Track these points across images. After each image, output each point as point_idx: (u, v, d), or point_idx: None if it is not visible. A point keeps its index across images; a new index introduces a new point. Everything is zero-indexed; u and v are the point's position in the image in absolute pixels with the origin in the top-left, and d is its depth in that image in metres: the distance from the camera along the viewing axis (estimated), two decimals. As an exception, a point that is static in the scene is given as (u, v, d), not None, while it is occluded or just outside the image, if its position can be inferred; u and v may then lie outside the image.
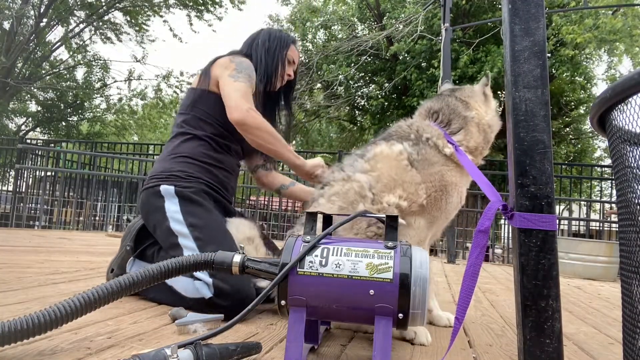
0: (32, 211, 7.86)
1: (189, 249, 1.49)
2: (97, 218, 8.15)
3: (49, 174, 8.27)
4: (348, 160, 1.45)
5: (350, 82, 12.00)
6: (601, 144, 13.38)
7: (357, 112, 13.51)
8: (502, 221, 7.10)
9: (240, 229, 1.60)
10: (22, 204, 7.06)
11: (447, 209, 1.40)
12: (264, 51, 1.85)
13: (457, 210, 1.46)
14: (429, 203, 1.37)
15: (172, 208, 1.57)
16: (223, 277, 1.41)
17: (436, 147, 1.41)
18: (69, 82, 13.97)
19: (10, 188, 9.35)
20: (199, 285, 1.44)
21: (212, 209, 1.61)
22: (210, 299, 1.40)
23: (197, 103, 1.75)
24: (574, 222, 7.47)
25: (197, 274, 1.44)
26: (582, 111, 12.04)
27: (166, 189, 1.60)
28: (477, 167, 1.34)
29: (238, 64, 1.73)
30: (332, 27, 12.72)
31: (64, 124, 14.52)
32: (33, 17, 12.19)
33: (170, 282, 1.51)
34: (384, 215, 1.03)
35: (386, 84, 11.02)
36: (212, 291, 1.40)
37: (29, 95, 13.83)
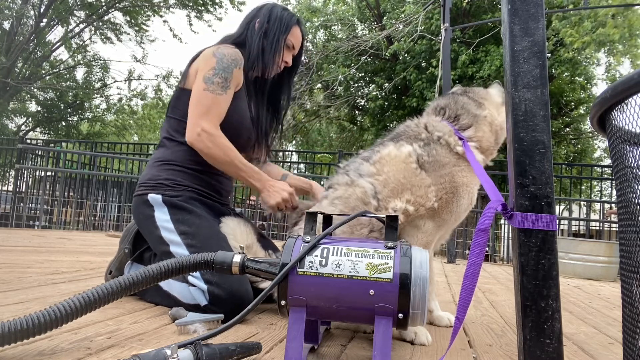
0: (32, 211, 7.86)
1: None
2: (97, 218, 8.15)
3: (49, 174, 8.28)
4: (354, 164, 1.41)
5: (350, 82, 12.00)
6: (601, 144, 13.39)
7: (357, 112, 13.52)
8: (502, 221, 7.10)
9: (238, 237, 1.56)
10: (22, 204, 7.06)
11: (458, 211, 1.37)
12: (261, 35, 1.68)
13: (467, 212, 1.42)
14: (439, 206, 1.33)
15: (162, 217, 1.53)
16: (218, 283, 1.37)
17: (448, 145, 1.37)
18: (69, 82, 13.98)
19: (10, 188, 9.36)
20: (194, 292, 1.42)
21: (202, 215, 1.55)
22: (205, 306, 1.38)
23: (178, 104, 1.66)
24: (574, 222, 7.48)
25: (192, 279, 1.42)
26: (582, 111, 12.04)
27: (154, 198, 1.56)
28: (482, 166, 1.34)
29: (220, 59, 1.58)
30: (332, 27, 12.72)
31: (64, 124, 14.53)
32: (33, 17, 12.19)
33: (166, 288, 1.50)
34: (384, 215, 1.03)
35: (386, 84, 11.03)
36: (207, 298, 1.38)
37: (29, 95, 13.84)
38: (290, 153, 11.01)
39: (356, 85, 12.69)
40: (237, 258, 1.03)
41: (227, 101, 1.60)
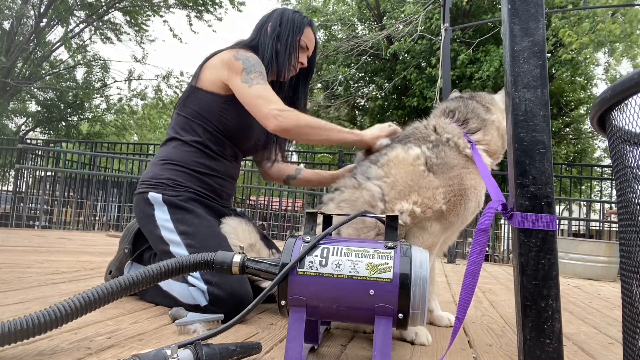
0: (32, 211, 7.86)
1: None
2: (97, 218, 8.15)
3: (49, 174, 8.28)
4: (361, 167, 1.41)
5: (350, 82, 12.00)
6: (601, 144, 13.40)
7: (357, 112, 13.52)
8: (502, 221, 7.10)
9: (240, 236, 1.56)
10: (22, 204, 7.06)
11: (465, 214, 1.36)
12: (274, 39, 1.68)
13: (474, 215, 1.41)
14: (447, 208, 1.33)
15: (162, 216, 1.53)
16: (218, 283, 1.37)
17: (457, 147, 1.37)
18: (69, 82, 13.98)
19: (10, 188, 9.36)
20: (193, 292, 1.41)
21: (202, 215, 1.55)
22: (205, 307, 1.38)
23: (188, 102, 1.65)
24: (574, 222, 7.48)
25: (192, 280, 1.41)
26: (582, 111, 12.05)
27: (154, 196, 1.56)
28: (488, 168, 1.34)
29: (245, 60, 1.57)
30: (332, 27, 12.73)
31: (64, 124, 14.53)
32: (33, 17, 12.19)
33: (166, 288, 1.50)
34: (384, 216, 1.03)
35: (386, 84, 11.03)
36: (207, 298, 1.38)
37: (29, 95, 13.84)
38: (290, 153, 10.99)
39: (356, 85, 12.69)
40: (237, 258, 1.03)
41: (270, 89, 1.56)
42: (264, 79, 1.56)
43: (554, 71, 9.65)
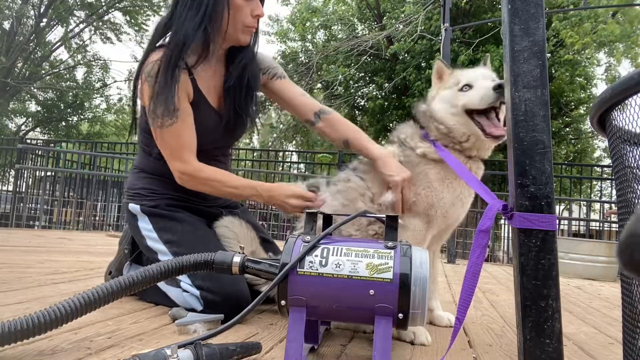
0: (32, 211, 7.85)
1: None
2: (97, 218, 8.15)
3: (49, 174, 8.27)
4: (351, 164, 1.55)
5: (350, 82, 12.00)
6: (601, 144, 13.39)
7: (357, 112, 13.51)
8: (502, 221, 7.10)
9: (241, 240, 1.54)
10: (22, 204, 7.07)
11: (441, 205, 1.38)
12: (188, 13, 1.34)
13: (459, 209, 1.41)
14: (419, 201, 1.38)
15: (146, 227, 1.51)
16: (210, 288, 1.35)
17: (411, 148, 1.45)
18: (69, 82, 13.99)
19: (10, 188, 9.37)
20: (187, 298, 1.40)
21: (185, 219, 1.51)
22: (202, 311, 1.36)
23: (141, 120, 1.55)
24: (574, 222, 7.48)
25: (184, 285, 1.40)
26: (582, 111, 12.04)
27: (134, 208, 1.54)
28: (465, 166, 1.34)
29: (151, 85, 1.36)
30: (332, 27, 12.72)
31: (64, 124, 14.55)
32: (33, 17, 12.21)
33: (164, 289, 1.49)
34: (384, 216, 1.03)
35: (386, 84, 11.03)
36: (201, 303, 1.36)
37: (29, 95, 13.85)
38: (290, 153, 11.01)
39: (356, 85, 12.68)
40: (237, 258, 1.03)
41: (183, 123, 1.41)
42: (170, 115, 1.36)
43: (554, 71, 9.64)
